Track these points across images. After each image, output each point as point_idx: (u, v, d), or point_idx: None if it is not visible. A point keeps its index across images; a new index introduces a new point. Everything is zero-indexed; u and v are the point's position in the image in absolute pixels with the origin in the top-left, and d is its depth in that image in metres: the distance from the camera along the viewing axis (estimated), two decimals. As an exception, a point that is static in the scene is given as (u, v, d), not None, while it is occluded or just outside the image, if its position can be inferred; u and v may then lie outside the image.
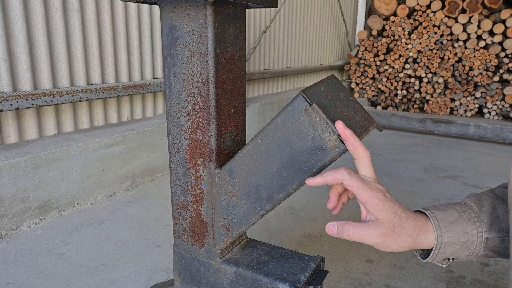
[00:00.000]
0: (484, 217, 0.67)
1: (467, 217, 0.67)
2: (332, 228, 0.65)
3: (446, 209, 0.68)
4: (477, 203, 0.69)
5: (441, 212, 0.67)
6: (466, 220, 0.67)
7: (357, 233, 0.63)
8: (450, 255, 0.67)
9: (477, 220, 0.67)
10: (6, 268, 1.28)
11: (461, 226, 0.66)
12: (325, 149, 0.65)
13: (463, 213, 0.68)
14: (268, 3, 0.83)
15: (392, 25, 3.79)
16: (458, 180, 2.28)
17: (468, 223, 0.66)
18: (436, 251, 0.66)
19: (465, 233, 0.66)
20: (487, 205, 0.69)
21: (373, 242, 0.63)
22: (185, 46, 0.78)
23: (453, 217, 0.67)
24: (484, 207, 0.68)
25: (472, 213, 0.68)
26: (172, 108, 0.84)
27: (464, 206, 0.70)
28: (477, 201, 0.70)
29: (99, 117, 2.06)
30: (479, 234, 0.66)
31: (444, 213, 0.67)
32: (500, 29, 3.38)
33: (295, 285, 0.78)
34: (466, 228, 0.66)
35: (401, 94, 3.84)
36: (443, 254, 0.67)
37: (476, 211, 0.68)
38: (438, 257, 0.67)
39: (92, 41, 1.95)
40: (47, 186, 1.61)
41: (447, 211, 0.68)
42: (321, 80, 0.70)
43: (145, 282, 1.23)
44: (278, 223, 1.65)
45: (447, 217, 0.67)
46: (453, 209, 0.68)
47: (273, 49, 3.49)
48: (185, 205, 0.89)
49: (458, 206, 0.69)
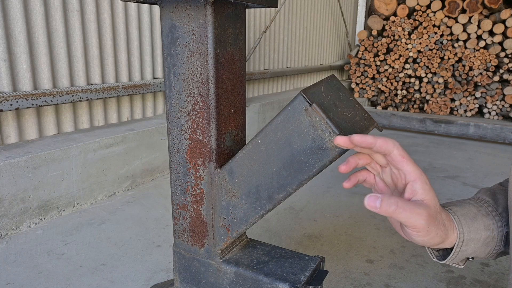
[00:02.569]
0: (501, 210, 0.63)
1: (485, 212, 0.63)
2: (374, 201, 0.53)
3: (464, 205, 0.64)
4: (492, 197, 0.65)
5: (460, 208, 0.63)
6: (485, 214, 0.62)
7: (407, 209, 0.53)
8: (471, 253, 0.62)
9: (496, 214, 0.63)
10: (6, 268, 1.28)
11: (481, 221, 0.61)
12: (325, 149, 0.65)
13: (481, 207, 0.63)
14: (268, 3, 0.83)
15: (392, 25, 3.79)
16: (458, 180, 2.28)
17: (488, 218, 0.62)
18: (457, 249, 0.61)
19: (486, 228, 0.61)
20: (502, 199, 0.65)
21: (420, 224, 0.54)
22: (185, 46, 0.78)
23: (472, 212, 0.62)
24: (500, 201, 0.64)
25: (489, 207, 0.63)
26: (172, 108, 0.84)
27: (480, 200, 0.65)
28: (492, 195, 0.66)
29: (99, 117, 2.06)
30: (499, 229, 0.62)
31: (462, 209, 0.63)
32: (500, 29, 3.38)
33: (295, 285, 0.78)
34: (487, 223, 0.61)
35: (401, 94, 3.84)
36: (464, 252, 0.62)
37: (493, 205, 0.64)
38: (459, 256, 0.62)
39: (92, 41, 1.95)
40: (47, 186, 1.61)
41: (465, 206, 0.63)
42: (321, 80, 0.70)
43: (145, 282, 1.23)
44: (278, 223, 1.65)
45: (466, 212, 0.62)
46: (470, 205, 0.64)
47: (273, 49, 3.49)
48: (185, 205, 0.89)
49: (474, 201, 0.65)
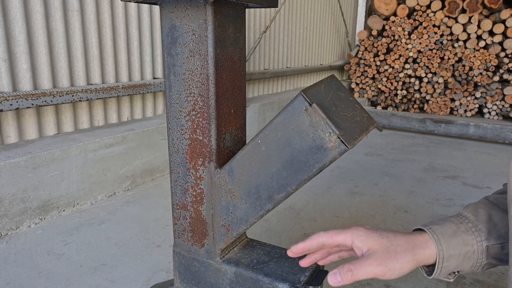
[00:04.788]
0: (481, 225, 0.68)
1: (464, 228, 0.68)
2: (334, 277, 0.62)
3: (443, 223, 0.69)
4: (473, 213, 0.70)
5: (439, 226, 0.68)
6: (464, 231, 0.68)
7: (359, 268, 0.62)
8: (454, 268, 0.68)
9: (475, 229, 0.68)
10: (6, 268, 1.28)
11: (460, 237, 0.67)
12: (325, 149, 0.65)
13: (460, 224, 0.69)
14: (268, 3, 0.83)
15: (392, 25, 3.79)
16: (458, 180, 2.28)
17: (467, 234, 0.67)
18: (439, 266, 0.66)
19: (465, 244, 0.66)
20: (483, 213, 0.69)
21: (378, 271, 0.62)
22: (185, 46, 0.78)
23: (451, 229, 0.68)
24: (480, 216, 0.69)
25: (469, 223, 0.69)
26: (172, 108, 0.84)
27: (460, 217, 0.70)
28: (473, 211, 0.71)
29: (99, 117, 2.06)
30: (479, 243, 0.67)
31: (441, 227, 0.68)
32: (500, 29, 3.38)
33: (295, 285, 0.78)
34: (465, 239, 0.67)
35: (401, 94, 3.84)
36: (447, 267, 0.67)
37: (473, 220, 0.69)
38: (443, 272, 0.68)
39: (92, 41, 1.95)
40: (47, 186, 1.61)
41: (444, 224, 0.69)
42: (321, 80, 0.70)
43: (145, 282, 1.23)
44: (278, 223, 1.65)
45: (445, 230, 0.67)
46: (450, 222, 0.69)
47: (273, 49, 3.49)
48: (185, 205, 0.89)
49: (455, 218, 0.70)
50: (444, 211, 1.81)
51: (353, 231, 0.65)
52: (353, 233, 0.65)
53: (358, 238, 0.64)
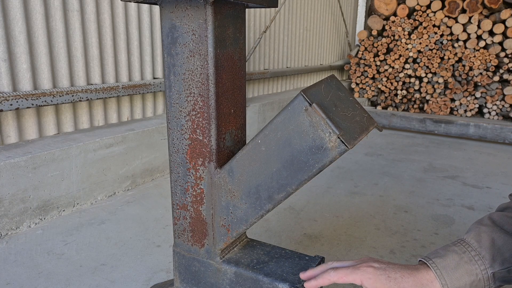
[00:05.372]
0: (485, 252, 0.68)
1: (468, 258, 0.68)
2: None
3: (446, 254, 0.69)
4: (476, 238, 0.70)
5: (442, 260, 0.68)
6: (467, 261, 0.67)
7: None
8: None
9: (479, 258, 0.67)
10: (6, 268, 1.28)
11: (463, 269, 0.67)
12: (325, 149, 0.65)
13: (463, 254, 0.68)
14: (268, 3, 0.83)
15: (392, 25, 3.79)
16: (458, 180, 2.28)
17: (470, 264, 0.67)
18: None
19: (469, 274, 0.67)
20: (486, 238, 0.69)
21: None
22: (185, 46, 0.78)
23: (454, 261, 0.68)
24: (483, 241, 0.69)
25: (472, 251, 0.68)
26: (172, 108, 0.84)
27: (463, 245, 0.70)
28: (476, 236, 0.70)
29: (99, 117, 2.06)
30: (483, 272, 0.67)
31: (444, 260, 0.68)
32: (500, 29, 3.38)
33: (295, 285, 0.78)
34: (469, 269, 0.67)
35: (401, 94, 3.85)
36: None
37: (476, 248, 0.69)
38: None
39: (92, 41, 1.95)
40: (47, 186, 1.61)
41: (447, 256, 0.69)
42: (321, 80, 0.70)
43: (145, 282, 1.23)
44: (278, 223, 1.65)
45: (448, 264, 0.68)
46: (454, 252, 0.69)
47: (273, 49, 3.49)
48: (185, 205, 0.89)
49: (458, 247, 0.70)
50: (444, 211, 1.81)
51: (363, 273, 0.69)
52: (362, 275, 0.69)
53: (367, 280, 0.68)
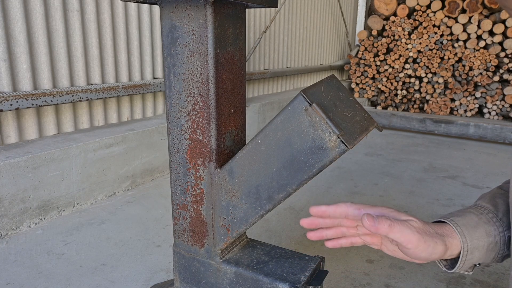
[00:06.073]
0: (502, 215, 0.65)
1: (486, 219, 0.65)
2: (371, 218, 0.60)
3: (465, 214, 0.66)
4: (492, 203, 0.67)
5: (461, 218, 0.65)
6: (485, 222, 0.65)
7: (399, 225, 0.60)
8: (477, 260, 0.65)
9: (496, 220, 0.65)
10: (6, 268, 1.28)
11: (483, 228, 0.64)
12: (325, 149, 0.65)
13: (481, 215, 0.66)
14: (268, 3, 0.83)
15: (392, 25, 3.79)
16: (458, 180, 2.28)
17: (489, 225, 0.65)
18: (463, 258, 0.64)
19: (488, 235, 0.64)
20: (502, 203, 0.67)
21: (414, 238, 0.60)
22: (185, 46, 0.78)
23: (474, 221, 0.65)
24: (499, 206, 0.66)
25: (489, 213, 0.66)
26: (172, 108, 0.84)
27: (480, 208, 0.68)
28: (491, 201, 0.68)
29: (99, 117, 2.06)
30: (501, 234, 0.64)
31: (463, 218, 0.65)
32: (500, 29, 3.38)
33: (295, 285, 0.78)
34: (488, 230, 0.64)
35: (401, 94, 3.84)
36: (471, 260, 0.65)
37: (493, 211, 0.66)
38: (466, 264, 0.65)
39: (92, 41, 1.95)
40: (47, 186, 1.61)
41: (466, 216, 0.66)
42: (321, 80, 0.70)
43: (145, 282, 1.23)
44: (278, 223, 1.65)
45: (467, 222, 0.65)
46: (471, 213, 0.66)
47: (273, 49, 3.48)
48: (185, 205, 0.89)
49: (474, 209, 0.68)
50: (444, 211, 1.81)
51: (383, 207, 0.64)
52: (383, 208, 0.64)
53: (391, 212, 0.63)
